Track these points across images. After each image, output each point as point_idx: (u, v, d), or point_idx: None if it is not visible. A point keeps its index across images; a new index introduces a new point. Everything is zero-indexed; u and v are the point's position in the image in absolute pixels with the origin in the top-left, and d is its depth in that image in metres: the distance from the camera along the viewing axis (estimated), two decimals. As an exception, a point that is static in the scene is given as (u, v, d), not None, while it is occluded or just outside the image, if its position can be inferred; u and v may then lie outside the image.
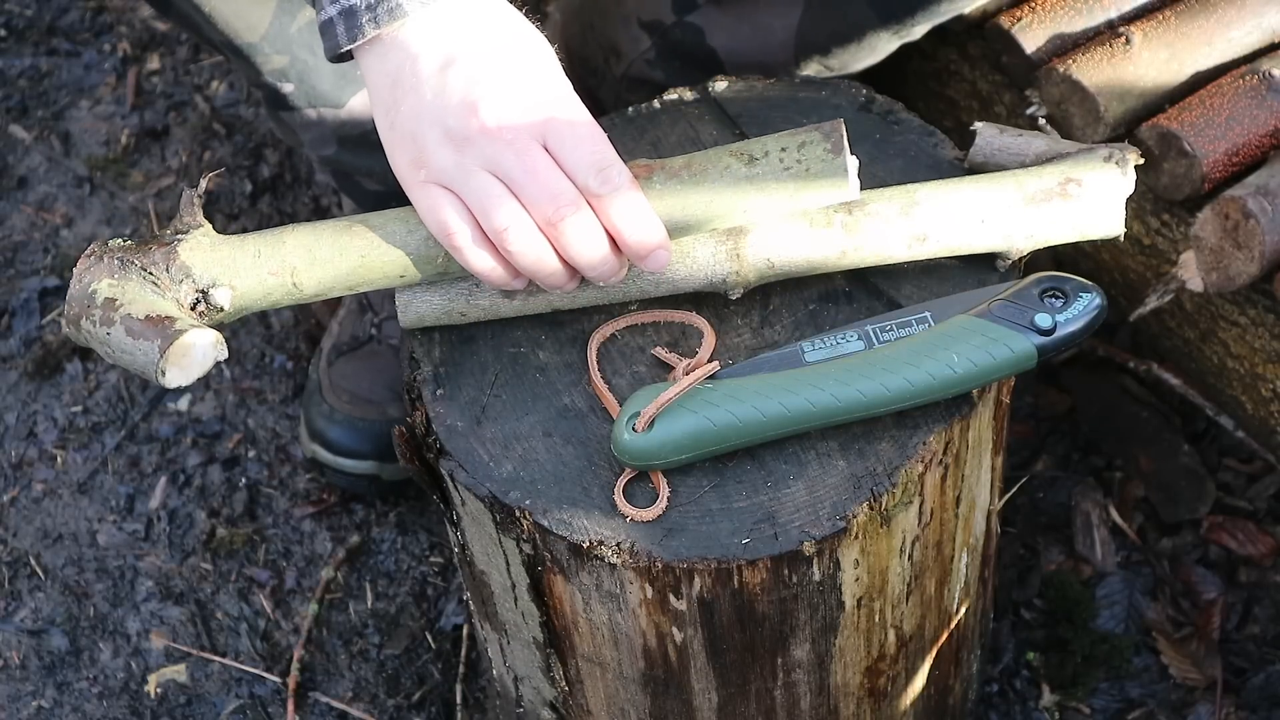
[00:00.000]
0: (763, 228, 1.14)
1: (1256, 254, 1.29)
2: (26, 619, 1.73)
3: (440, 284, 1.15)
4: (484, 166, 1.05)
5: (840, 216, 1.15)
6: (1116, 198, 1.16)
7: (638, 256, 1.09)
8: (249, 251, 1.13)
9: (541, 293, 1.15)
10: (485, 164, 1.05)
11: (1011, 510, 1.71)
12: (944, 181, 1.17)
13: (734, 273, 1.15)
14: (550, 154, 1.06)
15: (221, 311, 1.13)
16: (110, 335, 1.09)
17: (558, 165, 1.06)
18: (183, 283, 1.12)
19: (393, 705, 1.65)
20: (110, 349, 1.09)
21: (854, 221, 1.15)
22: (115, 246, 1.13)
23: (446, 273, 1.14)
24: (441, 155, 1.06)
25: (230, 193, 2.02)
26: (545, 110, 1.07)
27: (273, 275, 1.13)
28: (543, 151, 1.06)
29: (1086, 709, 1.60)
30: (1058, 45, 1.43)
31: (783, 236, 1.15)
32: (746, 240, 1.14)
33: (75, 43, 2.19)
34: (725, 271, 1.15)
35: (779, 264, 1.16)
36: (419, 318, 1.16)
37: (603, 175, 1.06)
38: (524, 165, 1.05)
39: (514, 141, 1.05)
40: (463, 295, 1.15)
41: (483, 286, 1.15)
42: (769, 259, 1.15)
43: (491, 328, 1.20)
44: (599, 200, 1.06)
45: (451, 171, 1.06)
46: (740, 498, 1.10)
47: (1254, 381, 1.45)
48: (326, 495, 1.78)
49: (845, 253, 1.16)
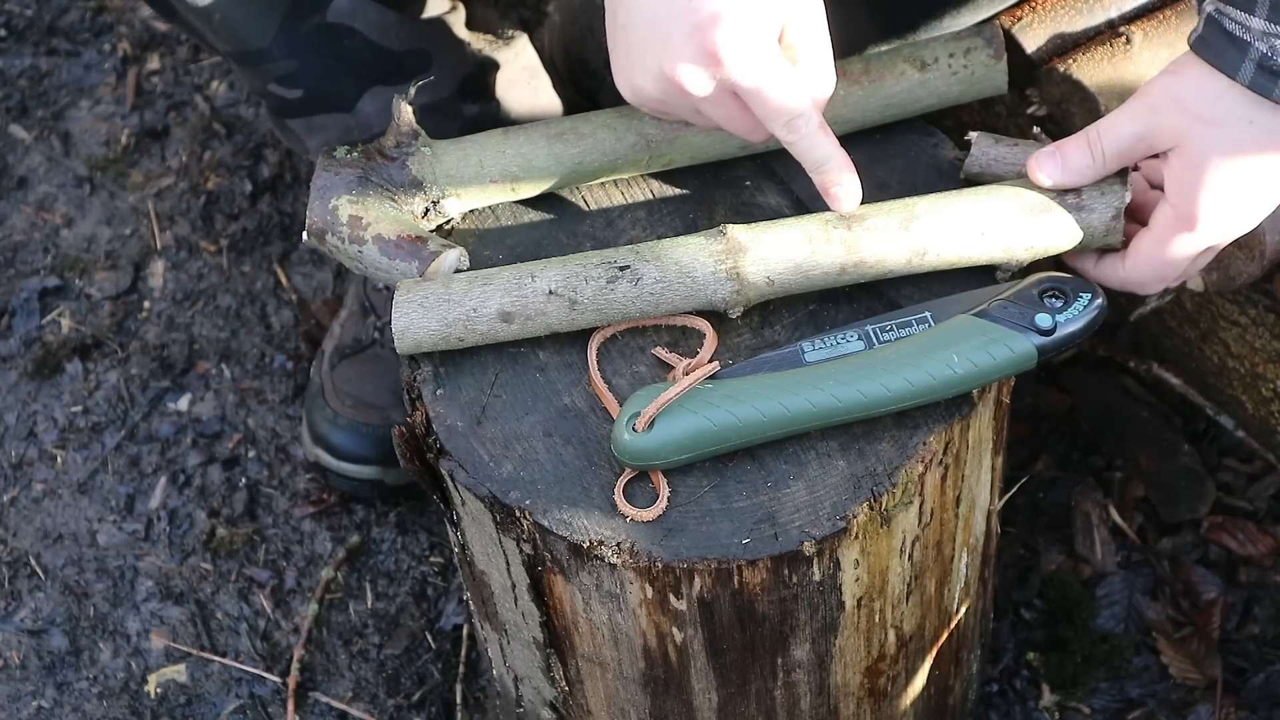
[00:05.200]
0: (762, 246, 1.14)
1: (1257, 254, 1.29)
2: (26, 619, 1.73)
3: (438, 311, 1.15)
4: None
5: (840, 233, 1.15)
6: (1115, 208, 1.17)
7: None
8: (472, 163, 1.23)
9: (540, 317, 1.15)
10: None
11: (1011, 510, 1.71)
12: (943, 195, 1.18)
13: (734, 292, 1.15)
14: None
15: (449, 219, 1.25)
16: (362, 253, 1.19)
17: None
18: (415, 195, 1.22)
19: (393, 705, 1.65)
20: (362, 265, 1.20)
21: (854, 238, 1.15)
22: (347, 159, 1.22)
23: (649, 169, 1.26)
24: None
25: (230, 193, 2.02)
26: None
27: (494, 183, 1.24)
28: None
29: (1086, 709, 1.60)
30: (1058, 45, 1.43)
31: (783, 255, 1.14)
32: (747, 259, 1.14)
33: (75, 43, 2.19)
34: (726, 292, 1.15)
35: (779, 282, 1.15)
36: (416, 344, 1.16)
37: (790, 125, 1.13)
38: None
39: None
40: (460, 322, 1.15)
41: (480, 313, 1.15)
42: (769, 278, 1.15)
43: (492, 328, 1.20)
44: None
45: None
46: (740, 498, 1.10)
47: (1254, 381, 1.45)
48: (326, 495, 1.78)
49: (845, 269, 1.16)
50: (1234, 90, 1.09)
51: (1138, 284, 1.20)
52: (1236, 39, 1.08)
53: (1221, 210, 1.13)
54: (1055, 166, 1.17)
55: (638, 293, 1.14)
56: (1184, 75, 1.12)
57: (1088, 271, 1.21)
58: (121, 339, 1.92)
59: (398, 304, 1.14)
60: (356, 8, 1.43)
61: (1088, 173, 1.17)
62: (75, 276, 1.97)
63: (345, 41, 1.44)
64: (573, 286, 1.14)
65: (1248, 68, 1.07)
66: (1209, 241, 1.15)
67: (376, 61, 1.47)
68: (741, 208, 1.26)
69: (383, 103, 1.48)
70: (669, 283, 1.14)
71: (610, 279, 1.14)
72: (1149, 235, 1.16)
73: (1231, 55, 1.08)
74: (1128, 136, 1.15)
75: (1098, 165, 1.16)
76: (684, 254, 1.14)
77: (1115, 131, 1.15)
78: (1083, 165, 1.17)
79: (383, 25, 1.45)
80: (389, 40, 1.46)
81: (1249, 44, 1.07)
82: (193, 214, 2.01)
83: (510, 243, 1.25)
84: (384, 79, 1.48)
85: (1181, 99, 1.12)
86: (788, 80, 1.11)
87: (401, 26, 1.47)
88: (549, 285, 1.14)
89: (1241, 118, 1.09)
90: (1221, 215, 1.13)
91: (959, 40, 1.27)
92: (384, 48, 1.46)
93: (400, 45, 1.47)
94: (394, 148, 1.23)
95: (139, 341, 1.91)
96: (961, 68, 1.26)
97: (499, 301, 1.14)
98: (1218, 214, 1.13)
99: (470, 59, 1.55)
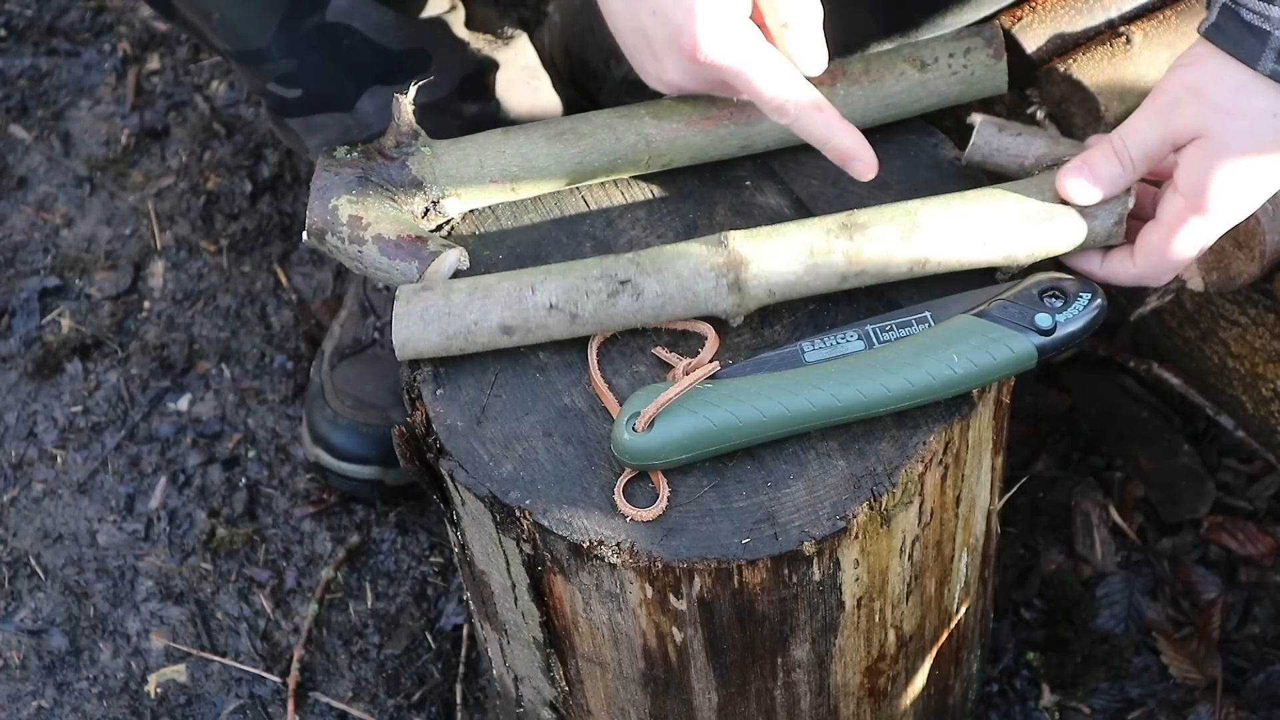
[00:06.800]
0: (764, 258, 1.14)
1: (1257, 254, 1.29)
2: (26, 619, 1.73)
3: (438, 324, 1.15)
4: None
5: (841, 243, 1.14)
6: (1118, 213, 1.16)
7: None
8: (472, 163, 1.23)
9: (541, 329, 1.15)
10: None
11: (1011, 510, 1.71)
12: (945, 199, 1.17)
13: (735, 304, 1.15)
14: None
15: (449, 219, 1.25)
16: (362, 253, 1.19)
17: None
18: (415, 195, 1.22)
19: (393, 705, 1.65)
20: (362, 265, 1.20)
21: (855, 249, 1.14)
22: (347, 159, 1.22)
23: (649, 169, 1.26)
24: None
25: (230, 193, 2.02)
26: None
27: (494, 183, 1.23)
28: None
29: (1086, 709, 1.60)
30: (1058, 45, 1.43)
31: (784, 266, 1.14)
32: (748, 272, 1.14)
33: (75, 43, 2.19)
34: (727, 304, 1.15)
35: (780, 293, 1.15)
36: (416, 354, 1.16)
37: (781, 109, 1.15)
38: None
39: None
40: (461, 334, 1.15)
41: (480, 326, 1.15)
42: (770, 289, 1.15)
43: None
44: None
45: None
46: (740, 498, 1.10)
47: (1254, 381, 1.45)
48: (326, 495, 1.78)
49: (846, 279, 1.16)
50: (1257, 81, 1.08)
51: (1150, 277, 1.18)
52: (1255, 28, 1.06)
53: (1235, 198, 1.12)
54: (1085, 181, 1.15)
55: (639, 306, 1.14)
56: (1201, 67, 1.11)
57: (1093, 272, 1.19)
58: (121, 339, 1.92)
59: (398, 316, 1.14)
60: (356, 7, 1.43)
61: (1119, 181, 1.15)
62: (75, 276, 1.97)
63: (344, 41, 1.44)
64: (573, 300, 1.14)
65: (1268, 57, 1.06)
66: (1221, 229, 1.14)
67: (376, 61, 1.47)
68: (741, 208, 1.26)
69: (382, 102, 1.48)
70: (670, 296, 1.14)
71: (611, 293, 1.14)
72: (1159, 227, 1.15)
73: (1251, 44, 1.07)
74: (1154, 138, 1.13)
75: (1128, 172, 1.15)
76: (685, 266, 1.14)
77: (1139, 135, 1.14)
78: (1113, 174, 1.15)
79: (382, 25, 1.45)
80: (388, 40, 1.46)
81: (1269, 33, 1.06)
82: (193, 214, 2.01)
83: (510, 243, 1.25)
84: (383, 78, 1.48)
85: (1201, 91, 1.10)
86: (770, 66, 1.14)
87: (401, 26, 1.47)
88: (549, 299, 1.14)
89: (1265, 109, 1.08)
90: (1234, 203, 1.12)
91: (959, 40, 1.27)
92: (383, 47, 1.46)
93: (399, 45, 1.47)
94: (394, 147, 1.23)
95: (139, 341, 1.91)
96: (961, 67, 1.26)
97: (499, 315, 1.14)
98: (1231, 202, 1.12)
99: (470, 59, 1.55)
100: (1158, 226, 1.15)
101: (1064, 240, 1.17)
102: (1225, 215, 1.13)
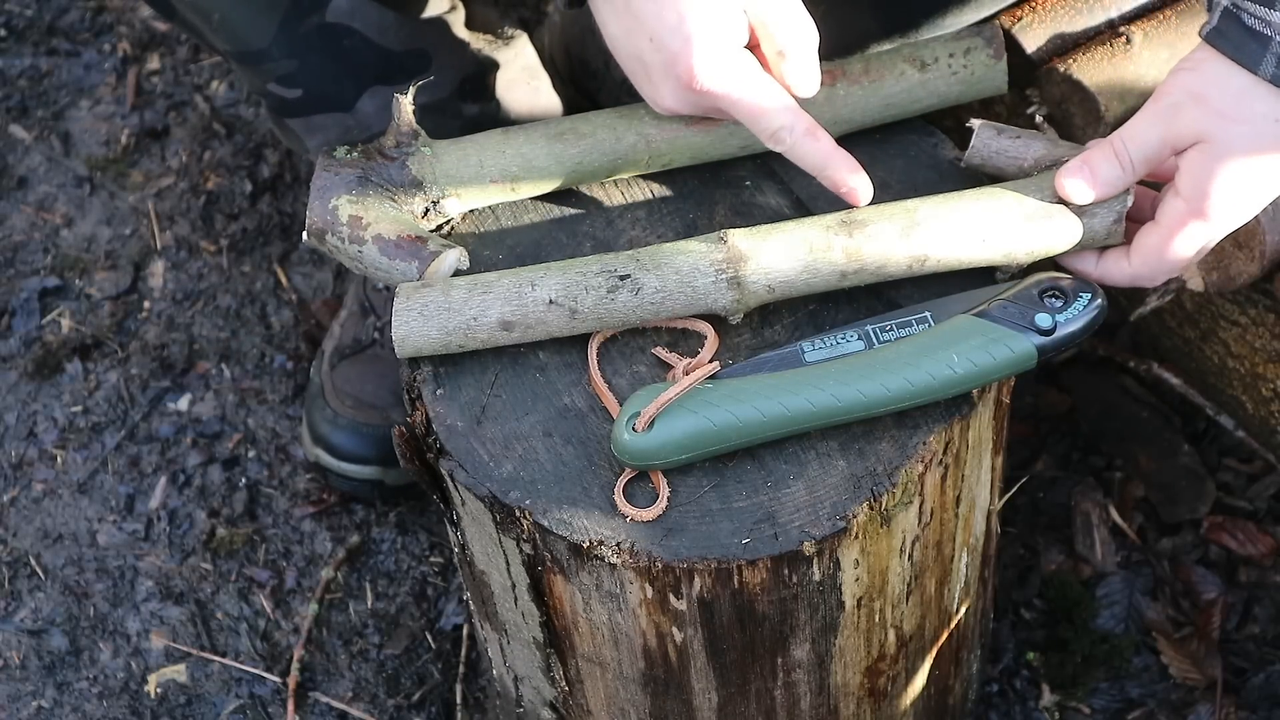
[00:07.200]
0: (764, 255, 1.14)
1: (1257, 254, 1.29)
2: (26, 619, 1.73)
3: (438, 320, 1.15)
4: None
5: (841, 240, 1.15)
6: (1117, 212, 1.16)
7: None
8: (472, 164, 1.23)
9: (541, 325, 1.15)
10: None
11: (1011, 510, 1.71)
12: (944, 198, 1.17)
13: (735, 301, 1.15)
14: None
15: (449, 219, 1.25)
16: (362, 253, 1.19)
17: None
18: (415, 195, 1.22)
19: (393, 705, 1.65)
20: (362, 265, 1.20)
21: (855, 246, 1.15)
22: (347, 159, 1.22)
23: (649, 169, 1.26)
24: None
25: (230, 193, 2.02)
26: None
27: (494, 183, 1.24)
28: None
29: (1086, 709, 1.60)
30: (1058, 45, 1.43)
31: (784, 263, 1.14)
32: (748, 268, 1.14)
33: (75, 43, 2.19)
34: (727, 300, 1.15)
35: (780, 290, 1.15)
36: (416, 351, 1.16)
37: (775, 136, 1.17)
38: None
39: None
40: (461, 330, 1.15)
41: (480, 322, 1.15)
42: (770, 286, 1.15)
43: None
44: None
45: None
46: (740, 498, 1.10)
47: (1254, 381, 1.45)
48: (326, 495, 1.78)
49: (845, 276, 1.16)
50: (1259, 87, 1.08)
51: (1144, 278, 1.18)
52: (1257, 33, 1.06)
53: (1236, 203, 1.12)
54: (1085, 182, 1.15)
55: (638, 302, 1.14)
56: (1203, 71, 1.11)
57: (1088, 272, 1.20)
58: (121, 339, 1.92)
59: (398, 312, 1.14)
60: (356, 7, 1.43)
61: (1118, 183, 1.15)
62: (75, 276, 1.97)
63: (345, 41, 1.44)
64: (573, 296, 1.14)
65: (1269, 62, 1.07)
66: (1221, 233, 1.14)
67: (376, 61, 1.47)
68: (741, 208, 1.26)
69: (382, 102, 1.48)
70: (669, 292, 1.14)
71: (611, 288, 1.14)
72: (1157, 229, 1.15)
73: (1252, 49, 1.07)
74: (1154, 141, 1.13)
75: (1128, 174, 1.15)
76: (684, 262, 1.14)
77: (1140, 138, 1.14)
78: (1113, 176, 1.15)
79: (382, 25, 1.45)
80: (388, 40, 1.46)
81: (1269, 38, 1.06)
82: (193, 214, 2.01)
83: (510, 243, 1.25)
84: (383, 79, 1.48)
85: (1203, 96, 1.10)
86: (765, 95, 1.15)
87: (401, 26, 1.47)
88: (549, 295, 1.14)
89: (1267, 115, 1.08)
90: (1235, 208, 1.12)
91: (959, 40, 1.27)
92: (383, 47, 1.46)
93: (400, 45, 1.47)
94: (394, 148, 1.23)
95: (139, 341, 1.91)
96: (961, 68, 1.26)
97: (499, 311, 1.14)
98: (1232, 207, 1.12)
99: (470, 59, 1.55)
100: (1156, 228, 1.15)
101: (1063, 239, 1.17)
102: (1225, 220, 1.13)
